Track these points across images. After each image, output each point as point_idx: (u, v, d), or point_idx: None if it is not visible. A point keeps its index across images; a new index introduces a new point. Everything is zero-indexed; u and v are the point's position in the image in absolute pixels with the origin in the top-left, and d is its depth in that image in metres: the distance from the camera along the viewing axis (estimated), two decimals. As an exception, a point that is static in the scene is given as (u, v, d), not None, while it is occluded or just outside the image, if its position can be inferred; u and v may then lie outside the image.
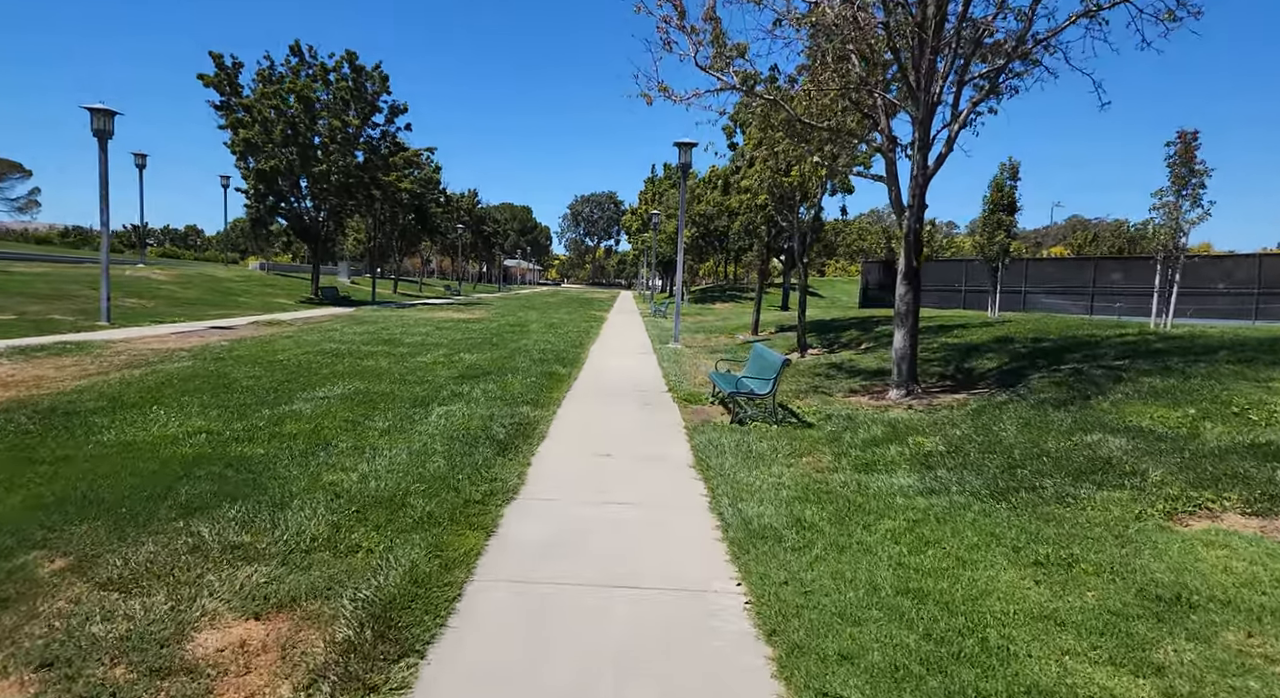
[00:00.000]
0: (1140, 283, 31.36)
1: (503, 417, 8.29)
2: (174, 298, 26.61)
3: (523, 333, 20.44)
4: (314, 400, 8.68)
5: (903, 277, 10.04)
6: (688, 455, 7.19)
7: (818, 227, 16.31)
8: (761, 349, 10.02)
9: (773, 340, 19.72)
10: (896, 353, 10.10)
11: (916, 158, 9.50)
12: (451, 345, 15.88)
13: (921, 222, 9.89)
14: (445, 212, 54.13)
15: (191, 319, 21.05)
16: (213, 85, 31.05)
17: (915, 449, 7.18)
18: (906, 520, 5.13)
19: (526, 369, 12.46)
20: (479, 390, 10.01)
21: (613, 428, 8.35)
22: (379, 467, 5.94)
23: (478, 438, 7.16)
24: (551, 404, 9.52)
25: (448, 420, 7.92)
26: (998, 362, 11.17)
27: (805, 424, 8.83)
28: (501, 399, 9.46)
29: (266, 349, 13.72)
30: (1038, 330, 14.00)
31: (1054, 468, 6.07)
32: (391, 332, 18.86)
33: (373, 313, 27.74)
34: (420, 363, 12.72)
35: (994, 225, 18.86)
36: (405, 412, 8.30)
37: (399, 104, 36.00)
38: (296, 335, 16.89)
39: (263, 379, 10.09)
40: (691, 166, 18.64)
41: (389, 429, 7.37)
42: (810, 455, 7.26)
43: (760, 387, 8.84)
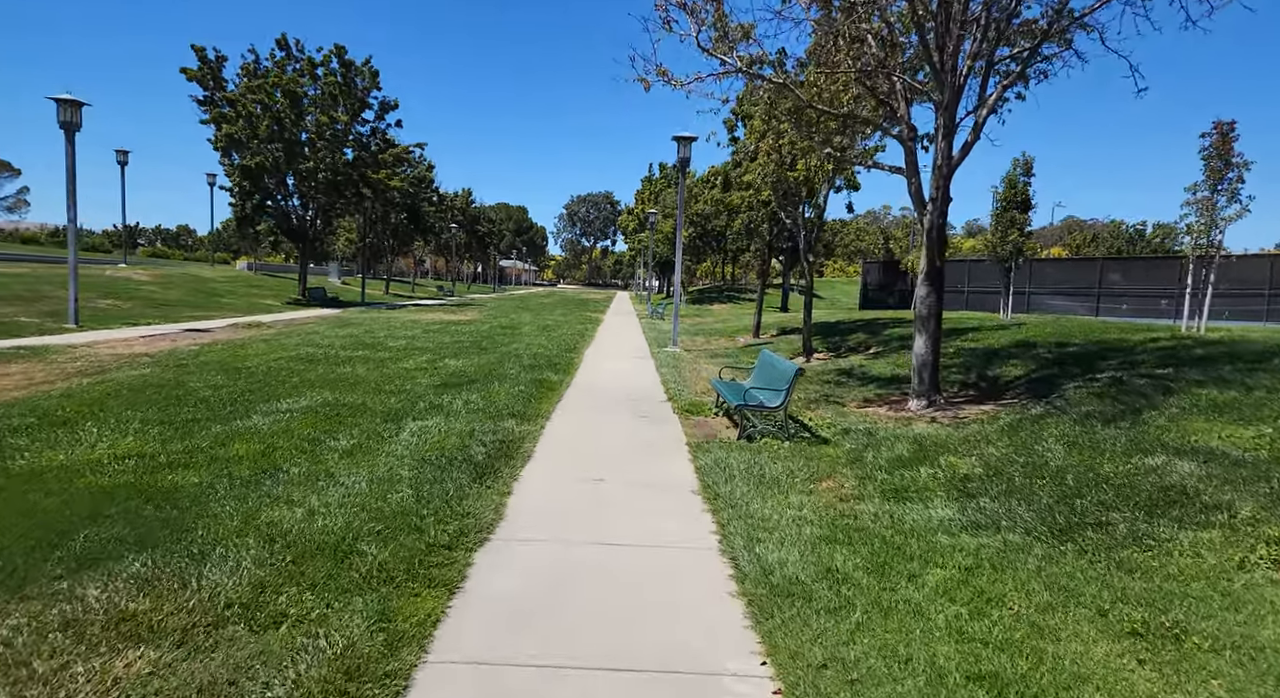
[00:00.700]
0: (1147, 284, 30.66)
1: (484, 433, 7.42)
2: (153, 299, 25.64)
3: (514, 336, 19.56)
4: (274, 415, 7.79)
5: (924, 277, 9.20)
6: (692, 480, 6.32)
7: (822, 224, 15.47)
8: (770, 356, 9.16)
9: (775, 344, 18.87)
10: (917, 360, 9.26)
11: (941, 146, 8.66)
12: (437, 350, 14.99)
13: (945, 216, 9.06)
14: (438, 211, 53.17)
15: (167, 321, 20.11)
16: (195, 79, 30.10)
17: (949, 472, 6.33)
18: (958, 569, 4.27)
19: (515, 376, 11.59)
20: (460, 402, 9.13)
21: (607, 446, 7.48)
22: (331, 500, 5.05)
23: (452, 460, 6.29)
24: (540, 417, 8.65)
25: (421, 439, 7.04)
26: (1024, 369, 10.33)
27: (820, 440, 7.98)
28: (484, 412, 8.58)
29: (236, 354, 12.81)
30: (1060, 334, 13.17)
31: (1119, 499, 5.22)
32: (375, 335, 17.95)
33: (360, 315, 26.82)
34: (400, 370, 11.83)
35: (1006, 224, 18.02)
36: (374, 428, 7.41)
37: (389, 100, 35.11)
38: (273, 339, 15.98)
39: (223, 389, 9.19)
40: (690, 162, 17.79)
41: (352, 450, 6.48)
42: (831, 479, 6.40)
43: (771, 398, 7.98)
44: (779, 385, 8.03)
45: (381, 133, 35.58)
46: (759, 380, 8.97)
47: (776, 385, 8.12)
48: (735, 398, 7.99)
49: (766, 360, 9.15)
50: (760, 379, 8.91)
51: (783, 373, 8.11)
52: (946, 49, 8.39)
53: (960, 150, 8.88)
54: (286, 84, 30.21)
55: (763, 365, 9.23)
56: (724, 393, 8.52)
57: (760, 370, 9.23)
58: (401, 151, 35.00)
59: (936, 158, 8.75)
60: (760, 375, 9.08)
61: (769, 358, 9.13)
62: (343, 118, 32.99)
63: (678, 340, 18.72)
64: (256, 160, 30.29)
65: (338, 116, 32.65)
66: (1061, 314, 27.27)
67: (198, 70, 29.99)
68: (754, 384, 8.69)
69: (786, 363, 8.33)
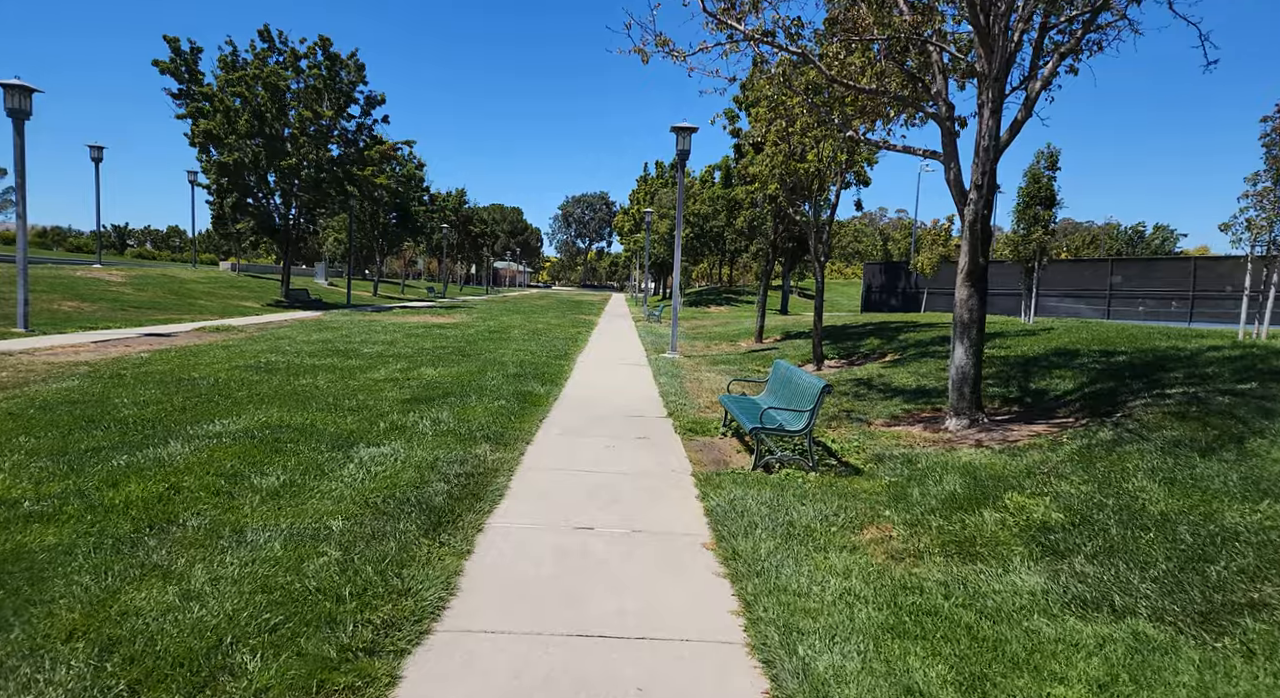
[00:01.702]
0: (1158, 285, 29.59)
1: (450, 463, 6.15)
2: (122, 300, 24.28)
3: (501, 341, 18.28)
4: (199, 440, 6.51)
5: (965, 277, 7.96)
6: (702, 528, 5.07)
7: (833, 221, 14.25)
8: (787, 368, 7.91)
9: (781, 349, 17.64)
10: (956, 372, 8.02)
11: (988, 124, 7.42)
12: (414, 357, 13.71)
13: (991, 206, 7.83)
14: (429, 211, 51.83)
15: (131, 325, 18.77)
16: (169, 72, 28.75)
17: (1020, 517, 5.10)
18: (1088, 687, 3.03)
19: (496, 389, 10.32)
20: (428, 421, 7.86)
21: (597, 479, 6.22)
22: (225, 571, 3.78)
23: (403, 504, 5.02)
24: (520, 440, 7.38)
25: (369, 473, 5.77)
26: (1074, 381, 9.11)
27: (851, 470, 6.74)
28: (455, 434, 7.31)
29: (188, 363, 11.51)
30: (1099, 340, 11.97)
31: (1267, 565, 3.99)
32: (351, 340, 16.66)
33: (341, 317, 25.49)
34: (367, 382, 10.54)
35: (1030, 221, 16.83)
36: (316, 458, 6.14)
37: (376, 95, 33.82)
38: (236, 345, 14.67)
39: (152, 407, 7.90)
40: (690, 155, 16.57)
41: (279, 491, 5.20)
42: (874, 527, 5.15)
43: (792, 421, 6.73)
44: (802, 405, 6.78)
45: (368, 129, 34.28)
46: (776, 397, 7.72)
47: (798, 404, 6.87)
48: (750, 420, 6.74)
49: (784, 373, 7.90)
50: (778, 396, 7.66)
51: (805, 390, 6.86)
52: (996, 9, 7.17)
53: (1009, 129, 7.66)
54: (267, 77, 28.87)
55: (779, 379, 7.97)
56: (736, 413, 7.26)
57: (777, 385, 7.98)
58: (389, 149, 33.69)
59: (981, 138, 7.52)
60: (778, 392, 7.83)
61: (786, 370, 7.87)
62: (327, 113, 31.67)
63: (676, 346, 17.48)
64: (235, 157, 28.94)
65: (322, 111, 31.33)
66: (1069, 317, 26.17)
67: (170, 62, 28.64)
68: (772, 403, 7.44)
69: (807, 377, 7.08)
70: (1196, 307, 29.08)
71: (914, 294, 40.66)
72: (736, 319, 32.39)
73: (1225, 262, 29.07)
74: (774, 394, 7.92)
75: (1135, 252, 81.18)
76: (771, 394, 8.00)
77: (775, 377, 8.16)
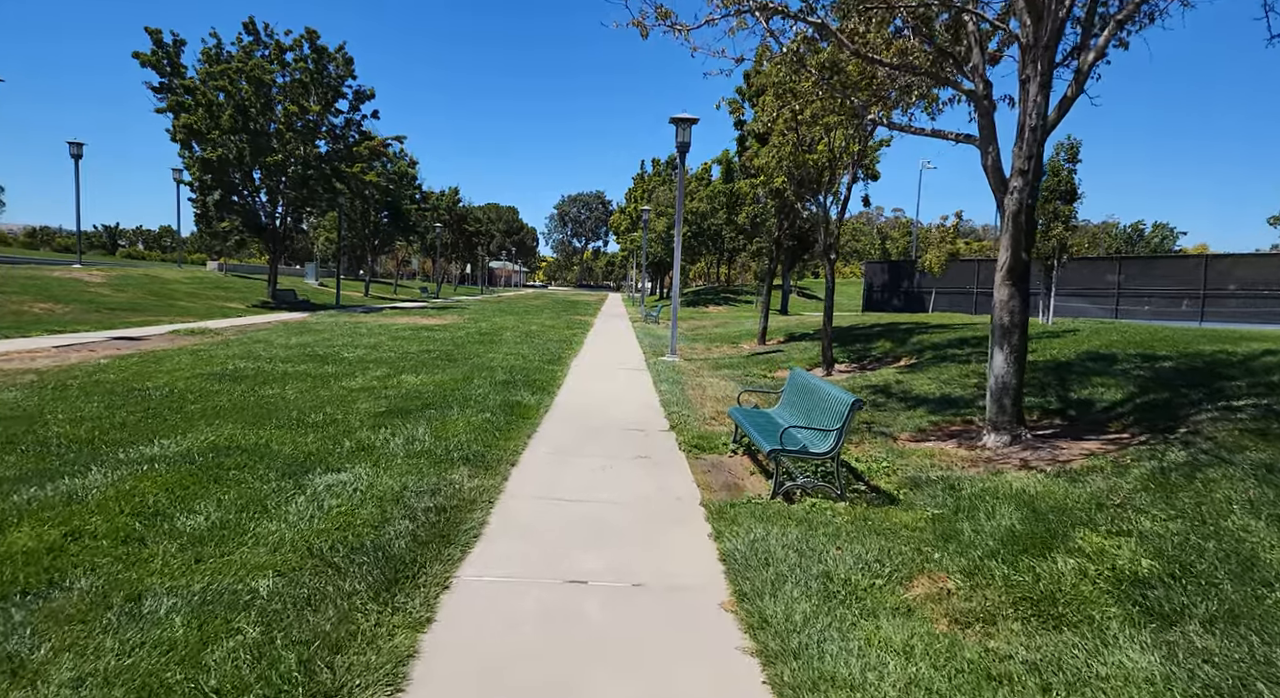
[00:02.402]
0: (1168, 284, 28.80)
1: (419, 495, 5.25)
2: (98, 302, 23.30)
3: (492, 344, 17.36)
4: (128, 466, 5.59)
5: (1006, 275, 7.08)
6: (719, 581, 4.17)
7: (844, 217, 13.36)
8: (806, 378, 7.01)
9: (787, 352, 16.76)
10: (996, 382, 7.14)
11: (1035, 100, 6.53)
12: (397, 362, 12.79)
13: (1036, 194, 6.95)
14: (421, 209, 50.83)
15: (102, 328, 17.80)
16: (150, 64, 27.75)
17: (1102, 563, 4.21)
18: None
19: (482, 398, 9.42)
20: (401, 439, 6.95)
21: (591, 509, 5.32)
22: (99, 665, 2.87)
23: (356, 553, 4.12)
24: (503, 462, 6.47)
25: (321, 509, 4.86)
26: (1121, 391, 8.23)
27: (884, 496, 5.85)
28: (430, 456, 6.41)
29: (147, 371, 10.57)
30: (1132, 343, 11.12)
31: None
32: (333, 343, 15.73)
33: (328, 319, 24.54)
34: (341, 391, 9.62)
35: (1049, 216, 15.99)
36: (261, 489, 5.22)
37: (365, 89, 32.83)
38: (209, 350, 13.73)
39: (87, 424, 6.97)
40: (690, 148, 15.67)
41: (203, 537, 4.29)
42: (926, 577, 4.26)
43: (816, 441, 5.84)
44: (827, 422, 5.89)
45: (357, 124, 33.30)
46: (794, 411, 6.82)
47: (823, 422, 5.97)
48: (768, 440, 5.84)
49: (802, 384, 6.99)
50: (796, 411, 6.76)
51: (831, 405, 5.96)
52: (1047, -31, 6.29)
53: (1057, 107, 6.77)
54: (251, 70, 27.88)
55: (797, 391, 7.06)
56: (750, 430, 6.36)
57: (794, 397, 7.07)
58: (378, 145, 32.72)
59: (1027, 117, 6.63)
60: (795, 405, 6.92)
61: (805, 381, 6.97)
62: (314, 108, 30.72)
63: (676, 349, 16.58)
64: (219, 153, 27.93)
65: (309, 106, 30.36)
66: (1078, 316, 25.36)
67: (152, 55, 27.64)
68: (792, 420, 6.54)
69: (831, 389, 6.19)
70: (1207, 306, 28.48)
71: (916, 294, 39.82)
72: (736, 319, 31.52)
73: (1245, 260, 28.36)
74: (791, 408, 7.02)
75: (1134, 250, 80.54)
76: (788, 407, 7.11)
77: (792, 387, 7.26)
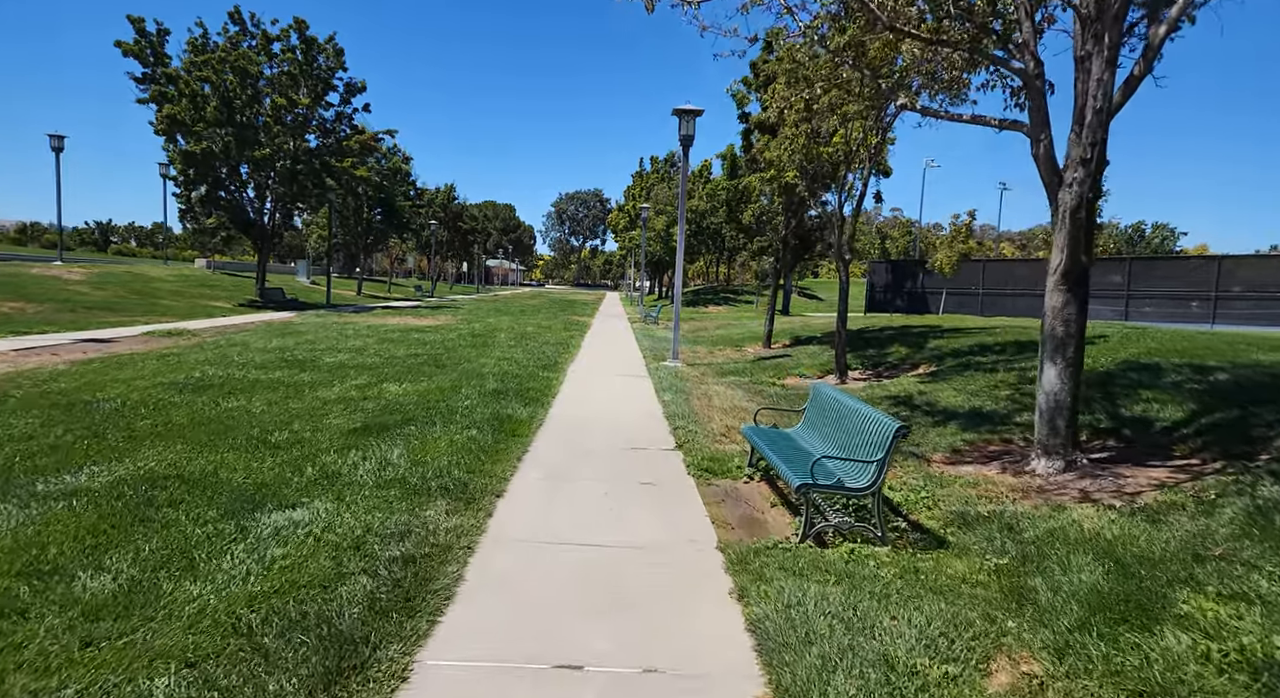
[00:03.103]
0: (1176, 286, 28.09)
1: (384, 539, 4.40)
2: (74, 301, 22.37)
3: (485, 346, 16.50)
4: (41, 502, 4.72)
5: (1061, 279, 6.24)
6: (750, 665, 3.33)
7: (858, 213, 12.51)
8: (834, 397, 6.16)
9: (795, 357, 15.93)
10: (1047, 400, 6.31)
11: (1100, 77, 5.68)
12: (380, 369, 11.92)
13: (1098, 189, 6.12)
14: (415, 206, 49.87)
15: (74, 328, 16.88)
16: (133, 54, 26.76)
17: (1224, 642, 3.38)
18: None
19: (469, 412, 8.56)
20: (372, 463, 6.09)
21: (590, 558, 4.47)
22: None
23: (294, 629, 3.27)
24: (487, 492, 5.62)
25: (262, 562, 4.00)
26: (1179, 408, 7.41)
27: (931, 538, 5.02)
28: (403, 485, 5.55)
29: (103, 379, 9.69)
30: (1173, 351, 10.31)
31: None
32: (316, 347, 14.85)
33: (315, 319, 23.64)
34: (314, 403, 8.76)
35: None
36: (194, 534, 4.37)
37: (356, 82, 31.87)
38: (179, 354, 12.85)
39: (12, 445, 6.10)
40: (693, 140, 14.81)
41: (100, 609, 3.42)
42: (1006, 659, 3.42)
43: (854, 474, 4.99)
44: (865, 451, 5.05)
45: (348, 118, 32.34)
46: (821, 434, 5.97)
47: (859, 450, 5.13)
48: (796, 471, 4.99)
49: (829, 403, 6.14)
50: (824, 434, 5.91)
51: (869, 431, 5.12)
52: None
53: (1123, 87, 5.94)
54: (236, 61, 26.92)
55: (823, 410, 6.21)
56: (771, 456, 5.51)
57: (820, 418, 6.22)
58: (369, 139, 31.75)
59: (1090, 98, 5.79)
60: (821, 427, 6.07)
61: (832, 398, 6.12)
62: (304, 101, 29.75)
63: (678, 353, 15.73)
64: (204, 146, 26.97)
65: (298, 99, 29.41)
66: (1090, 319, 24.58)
67: (135, 44, 26.66)
68: (819, 444, 5.70)
69: (867, 410, 5.34)
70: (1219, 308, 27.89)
71: (921, 294, 39.02)
72: (738, 321, 30.70)
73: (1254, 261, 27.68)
74: (815, 429, 6.18)
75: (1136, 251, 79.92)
76: (812, 429, 6.26)
77: (817, 406, 6.41)
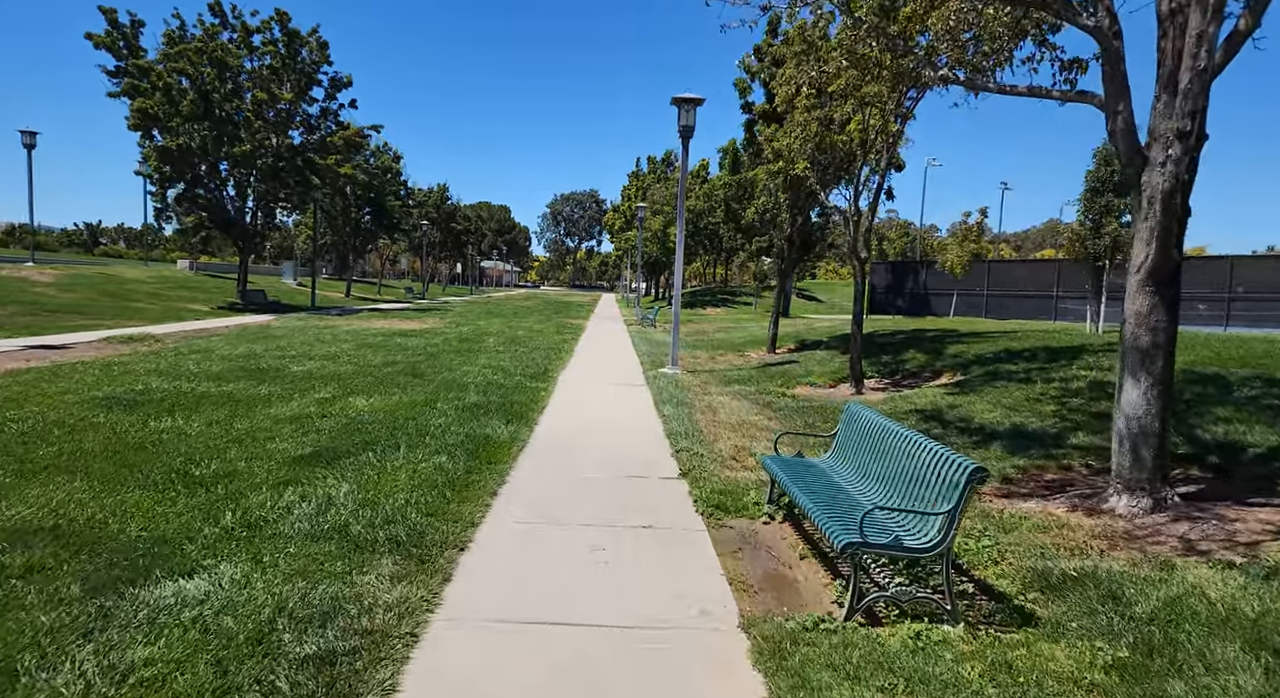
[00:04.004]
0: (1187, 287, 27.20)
1: (301, 625, 3.28)
2: (39, 304, 21.21)
3: (472, 352, 15.39)
4: None
5: (1146, 278, 5.16)
6: None
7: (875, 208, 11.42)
8: (877, 421, 5.04)
9: (803, 363, 14.85)
10: (1129, 425, 5.23)
11: (1204, 31, 4.61)
12: (350, 379, 10.80)
13: (1194, 169, 5.04)
14: (406, 206, 48.68)
15: (29, 333, 15.70)
16: (104, 46, 25.60)
17: None
18: None
19: (441, 432, 7.45)
20: (312, 504, 4.97)
21: (575, 646, 3.36)
22: None
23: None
24: (449, 543, 4.51)
25: (113, 674, 2.87)
26: (1274, 430, 6.34)
27: (1011, 610, 3.93)
28: (343, 536, 4.44)
29: (27, 393, 8.54)
30: (1232, 359, 9.26)
31: None
32: (286, 353, 13.72)
33: (295, 323, 22.48)
34: (264, 422, 7.63)
35: (1100, 211, 14.17)
36: (41, 623, 3.24)
37: (341, 76, 30.77)
38: (128, 363, 11.70)
39: None
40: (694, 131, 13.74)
41: None
42: None
43: (915, 529, 3.89)
44: (928, 499, 3.95)
45: (333, 114, 31.23)
46: (864, 471, 4.86)
47: (919, 496, 4.03)
48: (840, 525, 3.88)
49: (870, 429, 5.02)
50: (869, 471, 4.79)
51: (934, 472, 4.01)
52: None
53: (1225, 45, 4.87)
54: (213, 52, 25.76)
55: (862, 436, 5.10)
56: (803, 501, 4.41)
57: (856, 445, 5.11)
58: (354, 134, 30.59)
59: (1187, 58, 4.71)
60: (860, 458, 4.96)
61: (875, 424, 5.00)
62: (286, 96, 28.63)
63: (678, 359, 14.64)
64: (180, 141, 25.80)
65: (280, 94, 28.27)
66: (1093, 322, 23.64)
67: (106, 35, 25.50)
68: (857, 478, 4.61)
69: (926, 442, 4.25)
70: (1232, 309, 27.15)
71: (923, 296, 38.06)
72: (737, 323, 29.65)
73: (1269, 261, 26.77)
74: (853, 462, 5.08)
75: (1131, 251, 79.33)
76: (848, 461, 5.16)
77: (853, 431, 5.29)
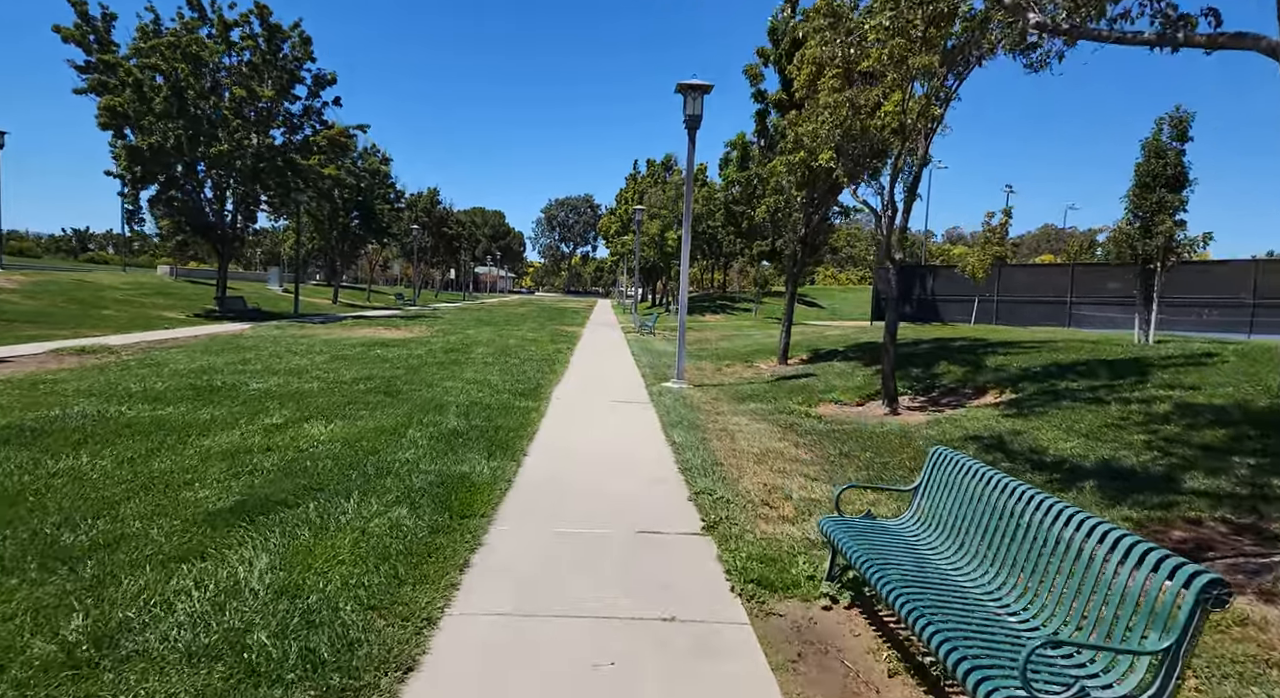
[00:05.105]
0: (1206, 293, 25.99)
1: None
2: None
3: (456, 365, 14.00)
4: None
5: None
6: None
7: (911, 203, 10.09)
8: (998, 481, 3.66)
9: (821, 375, 13.49)
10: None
11: None
12: (313, 398, 9.40)
13: None
14: (396, 210, 47.28)
15: (-30, 346, 14.26)
16: (74, 40, 24.21)
17: None
18: None
19: (409, 469, 6.06)
20: (205, 595, 3.57)
21: None
22: None
23: None
24: (388, 662, 3.10)
25: None
26: None
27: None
28: (235, 653, 3.04)
29: (-85, 422, 7.13)
30: None
31: None
32: (248, 367, 12.31)
33: (271, 331, 21.03)
34: (190, 458, 6.21)
35: (1152, 208, 12.87)
36: None
37: (325, 74, 29.44)
38: (63, 380, 10.26)
39: None
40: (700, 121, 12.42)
41: None
42: None
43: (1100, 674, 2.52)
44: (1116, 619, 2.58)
45: (317, 112, 29.87)
46: (972, 551, 3.47)
47: (1097, 609, 2.67)
48: (976, 668, 2.51)
49: (988, 493, 3.63)
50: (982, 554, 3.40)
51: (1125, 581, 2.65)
52: None
53: None
54: (188, 46, 24.39)
55: (969, 502, 3.70)
56: (903, 605, 3.03)
57: (960, 512, 3.71)
58: (338, 134, 29.23)
59: None
60: (974, 537, 3.57)
61: (990, 481, 3.62)
62: (267, 93, 27.26)
63: (683, 371, 13.27)
64: (152, 140, 24.38)
65: (260, 91, 26.90)
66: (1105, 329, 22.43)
67: (76, 29, 24.11)
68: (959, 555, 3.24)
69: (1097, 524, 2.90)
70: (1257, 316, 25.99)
71: (930, 301, 36.74)
72: (740, 330, 28.35)
73: None
74: (955, 536, 3.70)
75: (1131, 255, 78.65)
76: (946, 532, 3.79)
77: (951, 490, 3.89)
